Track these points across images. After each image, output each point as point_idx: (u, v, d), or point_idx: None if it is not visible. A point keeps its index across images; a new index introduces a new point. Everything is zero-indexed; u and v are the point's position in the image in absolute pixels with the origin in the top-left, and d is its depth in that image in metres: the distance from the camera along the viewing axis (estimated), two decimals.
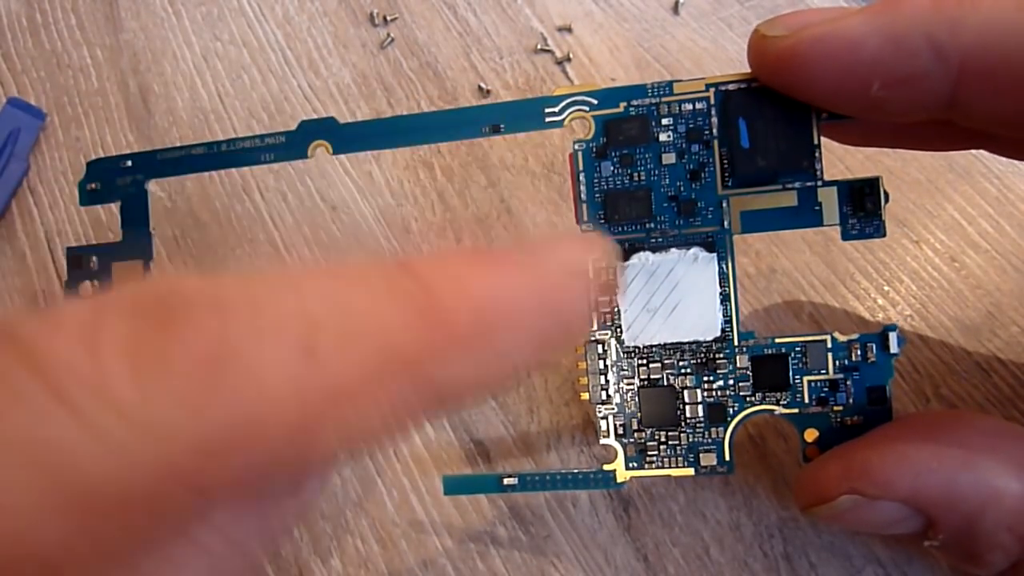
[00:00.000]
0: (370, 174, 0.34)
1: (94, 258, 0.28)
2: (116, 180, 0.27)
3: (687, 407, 0.24)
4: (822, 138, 0.23)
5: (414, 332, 0.13)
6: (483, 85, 0.36)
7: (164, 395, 0.11)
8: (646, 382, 0.24)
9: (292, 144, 0.25)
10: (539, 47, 0.36)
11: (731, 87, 0.23)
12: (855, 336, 0.23)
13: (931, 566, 0.26)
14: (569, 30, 0.36)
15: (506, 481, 0.25)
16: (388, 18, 0.37)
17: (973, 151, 0.32)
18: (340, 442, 0.13)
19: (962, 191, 0.32)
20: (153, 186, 0.27)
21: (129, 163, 0.27)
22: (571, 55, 0.36)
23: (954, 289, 0.30)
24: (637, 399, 0.24)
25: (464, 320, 0.13)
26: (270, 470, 0.12)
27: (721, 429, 0.24)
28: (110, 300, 0.12)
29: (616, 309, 0.24)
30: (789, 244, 0.31)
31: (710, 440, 0.24)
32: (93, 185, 0.27)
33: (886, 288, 0.30)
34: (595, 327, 0.25)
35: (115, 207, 0.27)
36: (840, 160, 0.32)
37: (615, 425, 0.25)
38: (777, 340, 0.24)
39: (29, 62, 0.38)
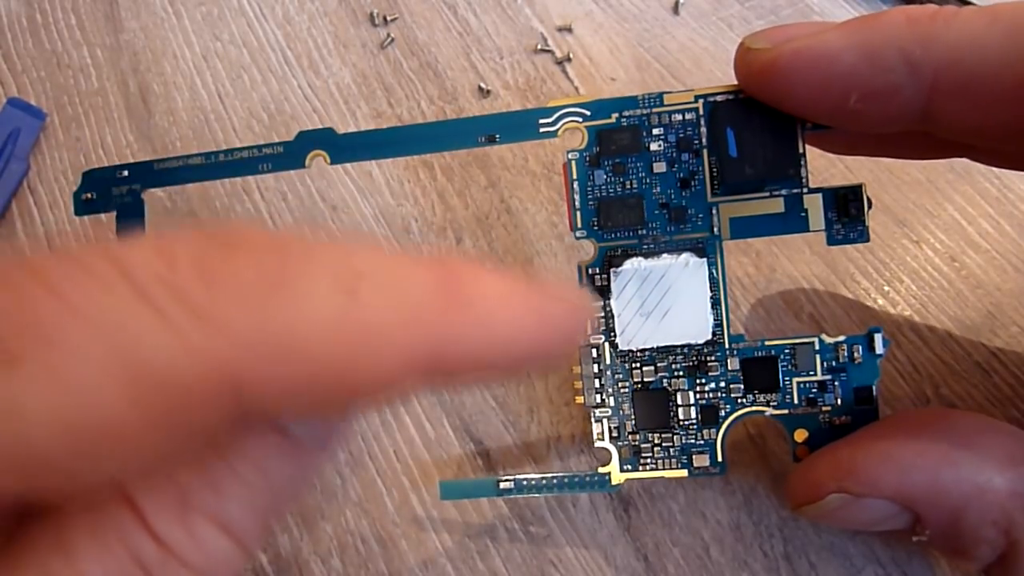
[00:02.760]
0: (370, 174, 0.35)
1: None
2: (112, 190, 0.28)
3: (680, 409, 0.26)
4: (808, 146, 0.25)
5: (436, 296, 0.15)
6: (483, 85, 0.37)
7: (228, 298, 0.14)
8: (640, 385, 0.26)
9: (290, 154, 0.27)
10: (539, 47, 0.37)
11: (719, 98, 0.25)
12: (842, 338, 0.25)
13: (931, 565, 0.27)
14: (569, 30, 0.38)
15: (502, 485, 0.26)
16: (388, 18, 0.39)
17: None
18: (366, 381, 0.15)
19: (962, 191, 0.33)
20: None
21: (125, 173, 0.28)
22: (571, 55, 0.37)
23: (954, 289, 0.31)
24: (631, 402, 0.26)
25: (476, 302, 0.16)
26: (307, 393, 0.15)
27: (713, 430, 0.26)
28: (179, 232, 0.15)
29: (610, 313, 0.26)
30: (789, 244, 0.32)
31: (702, 441, 0.26)
32: (88, 195, 0.28)
33: (886, 288, 0.32)
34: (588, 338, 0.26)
35: (111, 216, 0.28)
36: (840, 160, 0.33)
37: (609, 428, 0.26)
38: (767, 342, 0.25)
39: (29, 62, 0.39)
